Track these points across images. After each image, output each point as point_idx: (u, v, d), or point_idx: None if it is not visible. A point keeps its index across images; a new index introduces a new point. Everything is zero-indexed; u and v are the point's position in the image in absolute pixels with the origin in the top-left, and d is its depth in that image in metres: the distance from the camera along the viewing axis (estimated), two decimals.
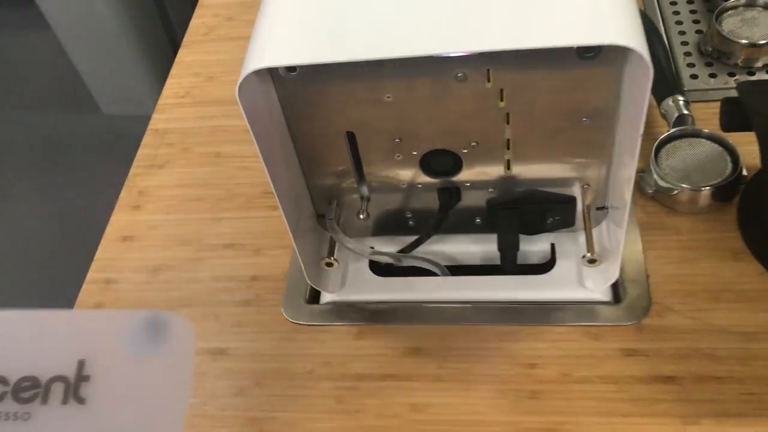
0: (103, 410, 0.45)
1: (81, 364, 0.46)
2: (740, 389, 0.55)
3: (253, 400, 0.61)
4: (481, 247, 0.67)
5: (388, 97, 0.54)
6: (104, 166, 1.81)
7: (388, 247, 0.66)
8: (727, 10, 0.78)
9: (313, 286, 0.64)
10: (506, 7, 0.45)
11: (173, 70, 0.91)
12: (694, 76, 0.77)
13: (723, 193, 0.65)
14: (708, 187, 0.64)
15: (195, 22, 0.98)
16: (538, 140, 0.57)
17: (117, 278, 0.71)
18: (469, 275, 0.65)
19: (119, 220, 0.76)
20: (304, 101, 0.55)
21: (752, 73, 0.76)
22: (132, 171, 0.81)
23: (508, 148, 0.58)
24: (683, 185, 0.65)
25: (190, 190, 0.77)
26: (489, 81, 0.53)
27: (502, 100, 0.54)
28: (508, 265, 0.63)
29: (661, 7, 0.85)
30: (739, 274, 0.61)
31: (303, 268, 0.61)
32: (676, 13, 0.84)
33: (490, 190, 0.62)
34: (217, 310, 0.66)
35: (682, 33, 0.82)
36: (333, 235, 0.63)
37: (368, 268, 0.67)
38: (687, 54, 0.79)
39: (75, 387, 0.45)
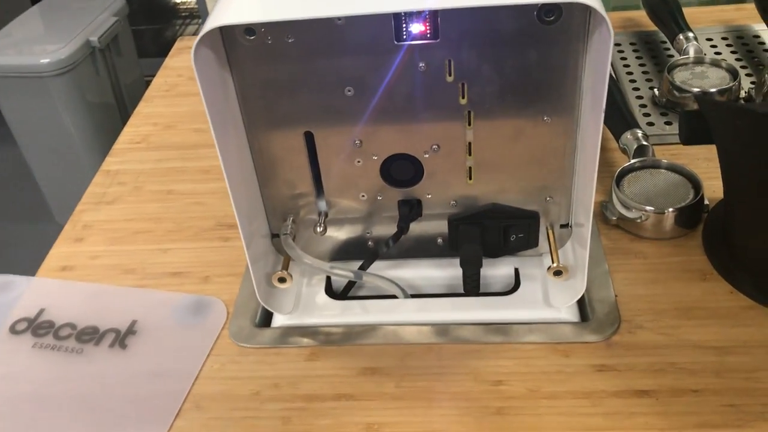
0: (137, 355, 0.60)
1: (133, 323, 0.62)
2: (719, 401, 0.51)
3: (191, 423, 0.54)
4: (444, 272, 0.64)
5: (349, 91, 0.53)
6: None
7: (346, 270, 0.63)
8: (678, 65, 0.81)
9: (265, 306, 0.60)
10: None
11: (131, 120, 0.90)
12: (650, 124, 0.78)
13: (686, 217, 0.64)
14: (672, 210, 0.63)
15: (157, 81, 0.98)
16: (499, 144, 0.56)
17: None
18: (430, 298, 0.62)
19: (58, 252, 0.72)
20: (261, 87, 0.53)
21: None
22: (78, 208, 0.77)
23: (470, 154, 0.57)
24: (647, 208, 0.64)
25: (138, 224, 0.74)
26: (450, 75, 0.53)
27: (463, 96, 0.54)
28: (471, 282, 0.60)
29: (614, 65, 0.88)
30: (708, 293, 0.59)
31: (255, 286, 0.57)
32: (629, 73, 0.87)
33: (451, 203, 0.60)
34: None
35: (636, 89, 0.84)
36: (288, 251, 0.60)
37: (323, 291, 0.63)
38: (642, 106, 0.81)
39: (123, 337, 0.61)
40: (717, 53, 0.89)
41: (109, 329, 0.62)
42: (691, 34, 0.83)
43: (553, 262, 0.58)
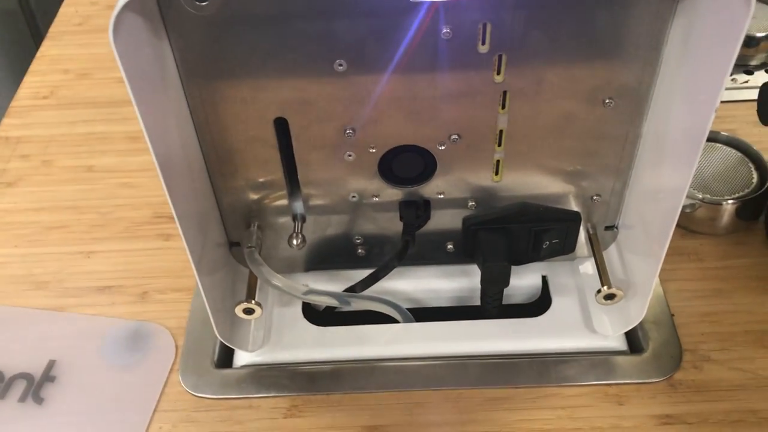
0: (58, 413, 0.45)
1: (50, 364, 0.47)
2: None
3: None
4: (453, 282, 0.51)
5: (341, 65, 0.38)
6: None
7: (329, 286, 0.49)
8: None
9: (225, 343, 0.45)
10: None
11: (33, 66, 0.71)
12: None
13: (749, 209, 0.52)
14: (731, 202, 0.51)
15: (65, 10, 0.78)
16: (540, 132, 0.42)
17: None
18: (439, 321, 0.49)
19: None
20: (213, 63, 0.37)
21: (749, 72, 0.64)
22: None
23: (500, 144, 0.43)
24: (701, 197, 0.51)
25: (51, 215, 0.57)
26: (484, 42, 0.37)
27: (499, 72, 0.39)
28: (493, 300, 0.47)
29: None
30: None
31: (210, 317, 0.43)
32: None
33: (469, 204, 0.46)
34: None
35: None
36: (253, 269, 0.45)
37: (302, 314, 0.49)
38: None
39: (37, 386, 0.46)
40: None
41: (17, 375, 0.47)
42: None
43: (602, 283, 0.45)
